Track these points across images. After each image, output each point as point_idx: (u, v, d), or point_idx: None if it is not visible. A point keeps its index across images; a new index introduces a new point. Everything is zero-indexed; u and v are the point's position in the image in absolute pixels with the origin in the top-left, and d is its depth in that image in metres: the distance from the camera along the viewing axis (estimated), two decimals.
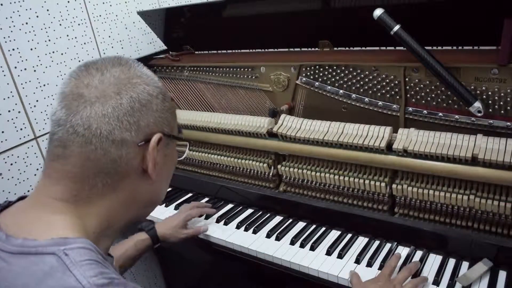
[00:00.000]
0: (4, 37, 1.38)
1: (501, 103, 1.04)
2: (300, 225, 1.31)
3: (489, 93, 1.05)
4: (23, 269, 0.54)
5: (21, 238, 0.56)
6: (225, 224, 1.37)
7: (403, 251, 1.13)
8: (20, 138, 1.45)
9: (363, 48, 1.32)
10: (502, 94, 1.03)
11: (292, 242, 1.23)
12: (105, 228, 0.65)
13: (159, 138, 0.65)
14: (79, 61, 1.62)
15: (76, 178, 0.61)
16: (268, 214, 1.39)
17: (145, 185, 0.67)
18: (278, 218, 1.36)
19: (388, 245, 1.16)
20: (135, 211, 0.69)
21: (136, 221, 0.74)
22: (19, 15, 1.41)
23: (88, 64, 0.64)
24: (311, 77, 1.34)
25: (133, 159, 0.63)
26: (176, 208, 1.51)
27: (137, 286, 0.59)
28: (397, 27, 1.05)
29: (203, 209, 1.39)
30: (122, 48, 1.81)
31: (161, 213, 1.48)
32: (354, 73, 1.25)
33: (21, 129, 1.45)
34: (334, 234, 1.24)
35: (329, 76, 1.30)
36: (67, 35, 1.58)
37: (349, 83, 1.27)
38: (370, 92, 1.24)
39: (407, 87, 1.17)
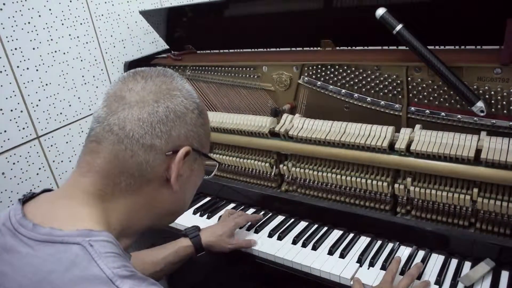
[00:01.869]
0: (7, 36, 1.38)
1: (504, 102, 1.04)
2: (302, 224, 1.31)
3: (492, 92, 1.05)
4: (49, 256, 0.56)
5: (48, 227, 0.58)
6: None
7: (405, 251, 1.13)
8: (22, 138, 1.45)
9: (365, 48, 1.32)
10: (505, 93, 1.03)
11: (294, 242, 1.22)
12: (125, 227, 0.67)
13: (187, 151, 0.67)
14: (81, 60, 1.63)
15: (103, 173, 0.64)
16: (270, 214, 1.38)
17: (166, 194, 0.69)
18: (280, 218, 1.36)
19: (390, 245, 1.16)
20: (154, 217, 0.71)
21: (157, 228, 0.75)
22: (22, 15, 1.41)
23: (136, 71, 0.68)
24: (313, 76, 1.34)
25: (159, 166, 0.66)
26: None
27: (156, 283, 0.60)
28: (399, 27, 1.05)
29: (249, 216, 1.32)
30: (125, 47, 1.81)
31: None
32: (356, 73, 1.25)
33: (23, 128, 1.45)
34: (336, 233, 1.24)
35: (331, 75, 1.30)
36: (69, 35, 1.58)
37: (351, 82, 1.27)
38: (372, 91, 1.24)
39: (410, 87, 1.17)
